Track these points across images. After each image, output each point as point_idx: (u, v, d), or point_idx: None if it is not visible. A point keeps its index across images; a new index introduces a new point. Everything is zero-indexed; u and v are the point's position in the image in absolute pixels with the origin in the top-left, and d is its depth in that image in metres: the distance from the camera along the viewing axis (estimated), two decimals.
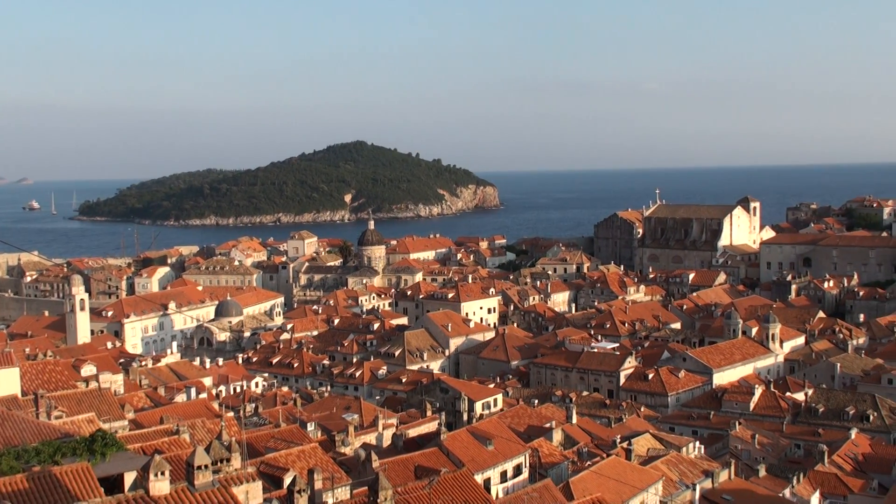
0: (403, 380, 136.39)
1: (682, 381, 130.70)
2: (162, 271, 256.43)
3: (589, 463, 75.27)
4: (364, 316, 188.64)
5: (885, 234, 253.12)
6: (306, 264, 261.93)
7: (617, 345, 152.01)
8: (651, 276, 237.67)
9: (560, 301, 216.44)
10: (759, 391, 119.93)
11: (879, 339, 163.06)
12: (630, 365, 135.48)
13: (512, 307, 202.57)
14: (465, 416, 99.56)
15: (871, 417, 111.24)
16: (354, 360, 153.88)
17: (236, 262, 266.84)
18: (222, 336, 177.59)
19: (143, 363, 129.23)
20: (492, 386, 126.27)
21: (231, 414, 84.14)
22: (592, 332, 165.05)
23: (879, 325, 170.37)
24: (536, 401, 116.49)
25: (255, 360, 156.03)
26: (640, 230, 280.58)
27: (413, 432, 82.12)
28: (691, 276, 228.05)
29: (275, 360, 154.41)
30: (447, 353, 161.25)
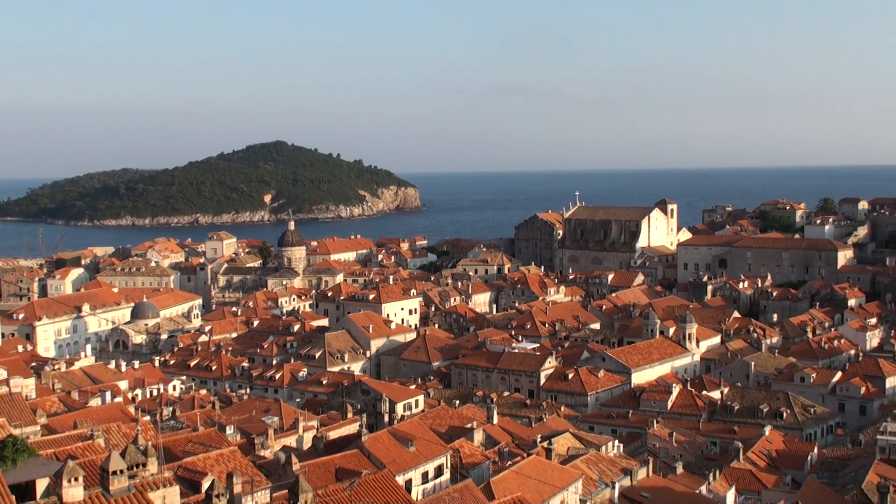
0: (324, 382, 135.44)
1: (602, 380, 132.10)
2: (75, 273, 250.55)
3: (510, 463, 75.48)
4: (284, 318, 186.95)
5: (797, 235, 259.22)
6: (225, 265, 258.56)
7: (537, 345, 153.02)
8: (571, 277, 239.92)
9: (481, 302, 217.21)
10: (676, 390, 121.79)
11: (792, 338, 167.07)
12: (550, 365, 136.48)
13: (433, 308, 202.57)
14: (387, 418, 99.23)
15: (785, 415, 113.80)
16: (274, 362, 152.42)
17: (153, 264, 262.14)
18: (138, 339, 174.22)
19: (56, 367, 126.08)
20: (413, 387, 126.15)
21: (147, 418, 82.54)
22: (513, 333, 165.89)
23: (792, 325, 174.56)
24: (458, 401, 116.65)
25: (172, 362, 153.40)
26: (560, 232, 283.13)
27: (334, 434, 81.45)
28: (610, 276, 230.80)
29: (193, 363, 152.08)
30: (368, 354, 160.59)
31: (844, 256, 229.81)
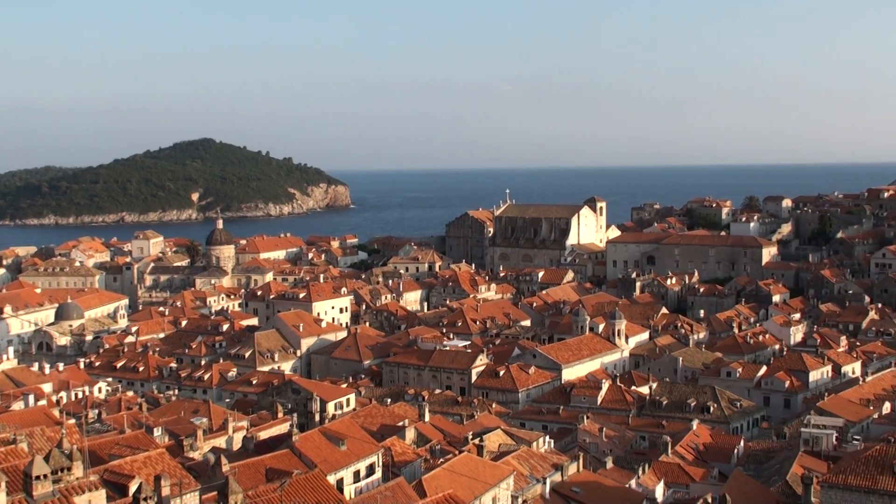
0: (254, 381, 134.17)
1: (532, 377, 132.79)
2: None
3: (441, 460, 75.38)
4: (213, 317, 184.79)
5: (723, 233, 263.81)
6: (152, 265, 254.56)
7: (468, 343, 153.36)
8: (502, 274, 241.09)
9: (412, 300, 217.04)
10: (605, 386, 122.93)
11: (718, 333, 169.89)
12: (481, 362, 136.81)
13: (364, 306, 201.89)
14: (318, 417, 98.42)
15: (712, 409, 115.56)
16: (203, 362, 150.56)
17: (77, 263, 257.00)
18: (62, 340, 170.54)
19: None
20: (344, 386, 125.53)
21: (72, 421, 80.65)
22: (444, 331, 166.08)
23: (718, 321, 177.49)
24: (389, 400, 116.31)
25: (97, 364, 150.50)
26: (491, 229, 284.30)
27: (264, 434, 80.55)
28: (541, 274, 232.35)
29: (119, 364, 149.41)
30: (299, 353, 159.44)
31: (769, 253, 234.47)
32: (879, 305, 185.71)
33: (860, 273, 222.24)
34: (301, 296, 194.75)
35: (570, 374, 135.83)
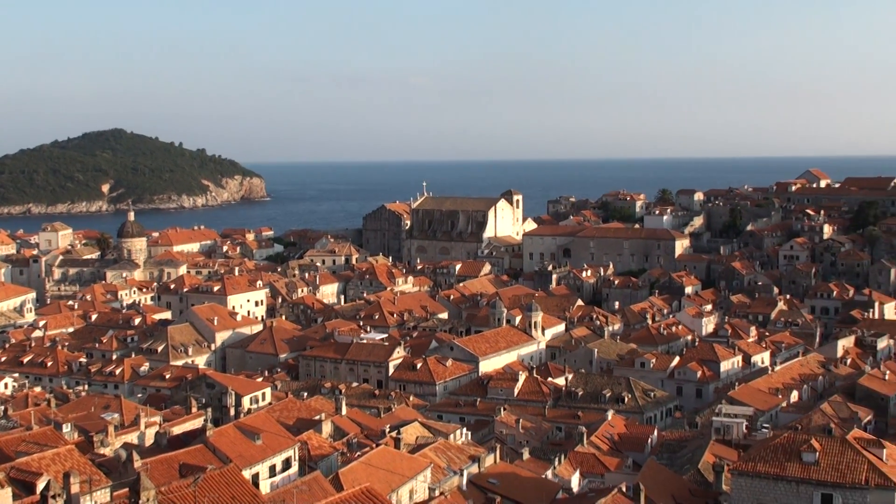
0: (167, 376, 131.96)
1: (450, 369, 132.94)
2: None
3: (359, 454, 75.01)
4: (124, 311, 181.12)
5: (637, 225, 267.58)
6: (60, 257, 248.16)
7: (386, 335, 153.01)
8: (419, 267, 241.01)
9: (329, 293, 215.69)
10: (522, 377, 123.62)
11: (633, 325, 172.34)
12: (398, 355, 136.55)
13: (280, 300, 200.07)
14: (233, 412, 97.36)
15: (626, 399, 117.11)
16: (114, 357, 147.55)
17: None
18: None
19: None
20: (260, 380, 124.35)
21: None
22: (361, 324, 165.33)
23: (633, 312, 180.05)
24: (305, 393, 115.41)
25: (3, 359, 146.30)
26: (408, 222, 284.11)
27: (178, 430, 79.26)
28: (458, 266, 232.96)
29: (26, 360, 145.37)
30: (213, 347, 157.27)
31: (681, 246, 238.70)
32: (788, 296, 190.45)
33: (769, 265, 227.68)
34: (215, 289, 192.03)
35: (487, 366, 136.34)
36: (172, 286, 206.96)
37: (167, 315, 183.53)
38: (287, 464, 72.47)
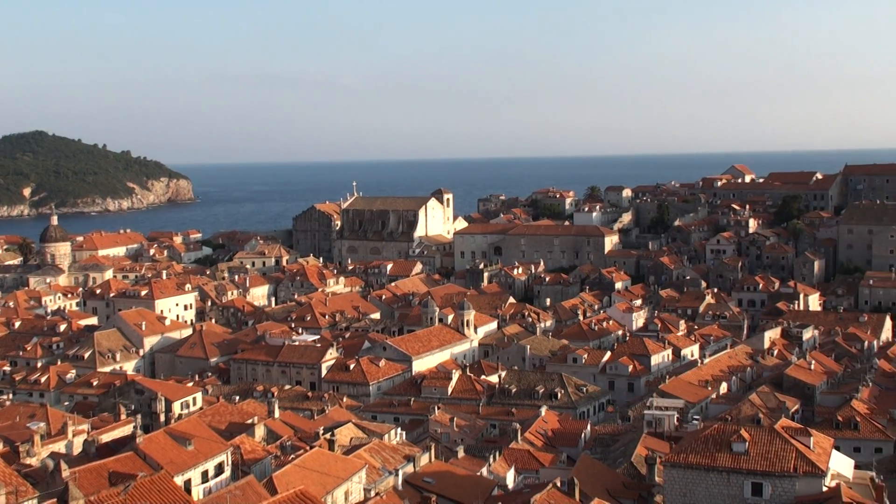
0: (94, 383, 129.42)
1: (383, 369, 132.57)
2: None
3: (292, 456, 74.31)
4: (49, 317, 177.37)
5: (567, 223, 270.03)
6: None
7: (318, 337, 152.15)
8: (350, 267, 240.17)
9: (259, 295, 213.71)
10: (456, 376, 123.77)
11: (564, 321, 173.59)
12: (331, 356, 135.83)
13: (209, 303, 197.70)
14: (163, 417, 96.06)
15: (559, 395, 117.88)
16: (39, 364, 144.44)
17: None
18: None
19: None
20: (190, 384, 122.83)
21: None
22: (293, 326, 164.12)
23: (564, 308, 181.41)
24: (237, 397, 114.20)
25: None
26: (339, 222, 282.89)
27: (107, 437, 77.81)
28: (389, 266, 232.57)
29: None
30: (141, 352, 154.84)
31: (611, 242, 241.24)
32: (715, 290, 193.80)
33: (696, 259, 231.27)
34: (143, 293, 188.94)
35: (421, 365, 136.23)
36: (98, 291, 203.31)
37: (93, 321, 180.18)
38: (220, 469, 71.57)
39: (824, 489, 61.66)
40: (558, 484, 69.75)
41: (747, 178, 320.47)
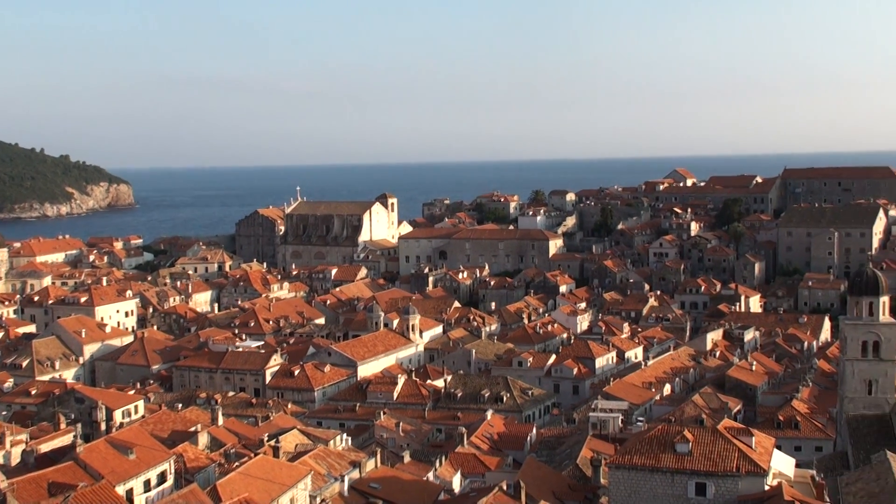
0: (32, 392, 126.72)
1: (328, 375, 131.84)
2: None
3: (237, 464, 73.60)
4: None
5: (511, 227, 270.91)
6: None
7: (262, 343, 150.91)
8: (294, 272, 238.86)
9: (202, 301, 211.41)
10: (401, 381, 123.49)
11: (509, 324, 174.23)
12: (275, 362, 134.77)
13: (151, 309, 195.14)
14: (104, 426, 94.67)
15: (505, 398, 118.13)
16: None
17: None
18: None
19: None
20: (132, 392, 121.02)
21: None
22: (236, 332, 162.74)
23: (509, 312, 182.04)
24: (180, 405, 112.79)
25: None
26: (282, 227, 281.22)
27: (45, 447, 76.35)
28: (334, 271, 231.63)
29: None
30: (81, 360, 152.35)
31: (555, 245, 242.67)
32: (658, 293, 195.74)
33: (640, 262, 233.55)
34: (82, 300, 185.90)
35: (366, 370, 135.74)
36: (36, 298, 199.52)
37: (31, 328, 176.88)
38: (162, 478, 70.71)
39: (766, 488, 62.48)
40: (504, 487, 69.88)
41: (689, 182, 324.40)
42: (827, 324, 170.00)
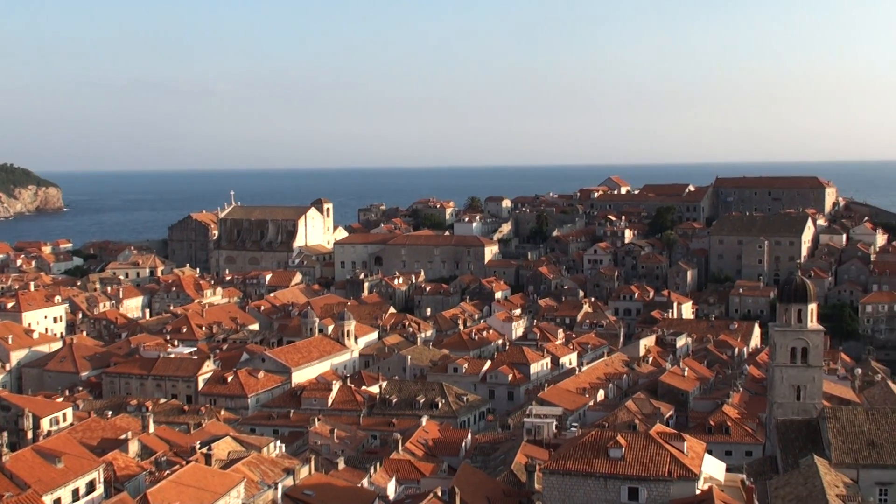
0: None
1: (262, 381, 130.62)
2: None
3: (168, 472, 72.59)
4: None
5: (447, 233, 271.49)
6: None
7: (194, 349, 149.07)
8: (228, 278, 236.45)
9: (133, 307, 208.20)
10: (336, 387, 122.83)
11: (445, 331, 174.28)
12: (208, 369, 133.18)
13: (80, 315, 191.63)
14: (30, 435, 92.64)
15: (440, 404, 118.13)
16: None
17: None
18: None
19: None
20: (60, 400, 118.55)
21: None
22: (168, 338, 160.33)
23: (444, 318, 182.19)
24: (110, 412, 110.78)
25: None
26: (216, 232, 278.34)
27: None
28: (268, 276, 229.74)
29: None
30: (8, 367, 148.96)
31: (491, 252, 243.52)
32: (592, 299, 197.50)
33: (574, 269, 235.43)
34: (9, 305, 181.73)
35: (300, 376, 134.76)
36: None
37: None
38: (91, 486, 69.44)
39: (697, 492, 63.26)
40: (439, 493, 69.85)
41: (623, 190, 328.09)
42: (757, 330, 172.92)
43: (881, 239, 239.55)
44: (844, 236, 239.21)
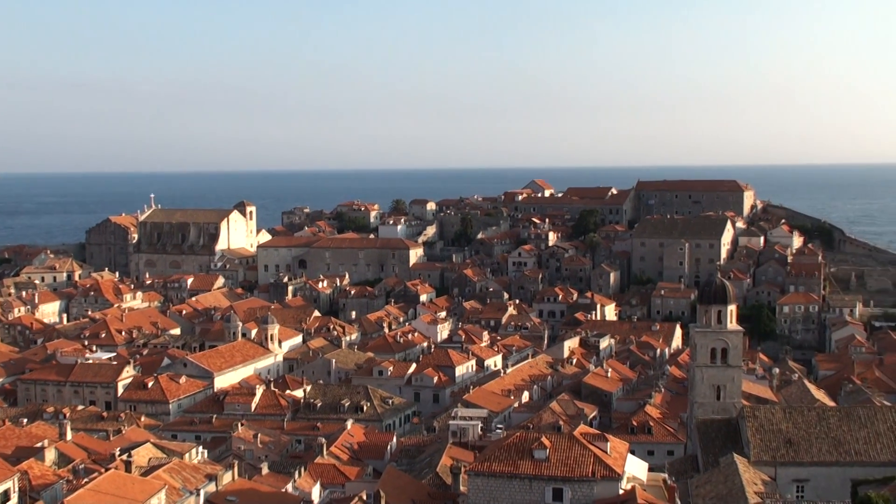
0: None
1: (184, 386, 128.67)
2: None
3: (86, 480, 70.87)
4: None
5: (372, 235, 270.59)
6: None
7: (114, 354, 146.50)
8: (148, 282, 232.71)
9: (49, 312, 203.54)
10: (259, 391, 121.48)
11: (370, 334, 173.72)
12: (128, 374, 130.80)
13: None
14: None
15: (365, 408, 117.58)
16: None
17: None
18: None
19: None
20: None
21: None
22: (86, 343, 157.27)
23: (369, 321, 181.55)
24: (25, 420, 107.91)
25: None
26: (136, 235, 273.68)
27: None
28: (190, 280, 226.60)
29: None
30: None
31: (416, 254, 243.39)
32: (517, 301, 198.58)
33: (499, 271, 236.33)
34: None
35: (223, 381, 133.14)
36: None
37: None
38: (5, 497, 67.54)
39: (621, 492, 63.79)
40: (364, 497, 69.43)
41: (547, 193, 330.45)
42: (678, 331, 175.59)
43: (797, 241, 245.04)
44: (762, 238, 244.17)
